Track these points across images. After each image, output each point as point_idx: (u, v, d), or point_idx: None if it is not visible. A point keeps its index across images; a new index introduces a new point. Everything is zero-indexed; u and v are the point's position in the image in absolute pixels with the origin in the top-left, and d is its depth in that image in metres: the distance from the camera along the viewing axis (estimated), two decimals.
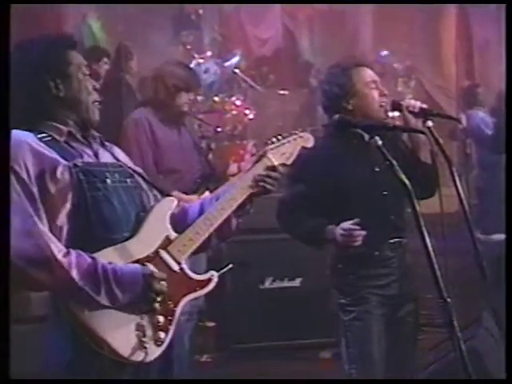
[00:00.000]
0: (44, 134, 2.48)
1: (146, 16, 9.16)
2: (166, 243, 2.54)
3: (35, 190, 2.37)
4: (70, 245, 2.39)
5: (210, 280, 2.59)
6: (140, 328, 2.41)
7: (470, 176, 8.52)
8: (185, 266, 2.56)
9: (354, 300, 3.42)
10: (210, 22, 9.95)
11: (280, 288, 5.65)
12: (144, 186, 2.69)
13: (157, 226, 2.56)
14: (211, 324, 5.99)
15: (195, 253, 2.62)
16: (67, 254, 2.34)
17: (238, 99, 8.61)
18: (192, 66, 8.25)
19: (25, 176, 2.37)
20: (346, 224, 3.28)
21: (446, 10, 11.81)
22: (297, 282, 5.68)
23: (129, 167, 2.68)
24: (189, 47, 9.04)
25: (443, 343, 4.06)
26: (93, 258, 2.38)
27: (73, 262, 2.34)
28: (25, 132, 2.47)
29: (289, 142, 2.83)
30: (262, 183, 2.68)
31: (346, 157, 3.43)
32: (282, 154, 2.80)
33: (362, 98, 3.45)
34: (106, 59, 7.71)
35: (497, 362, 3.99)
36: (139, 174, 2.69)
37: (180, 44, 9.22)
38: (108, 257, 2.42)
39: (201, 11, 9.22)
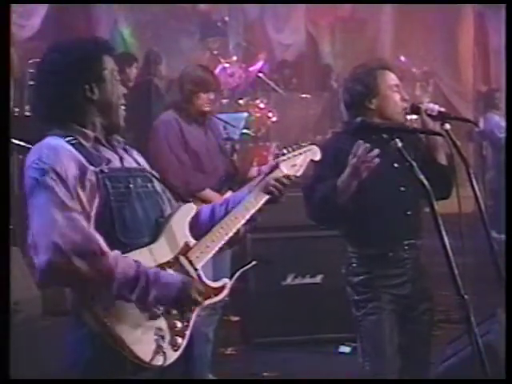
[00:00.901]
0: (71, 138, 2.48)
1: (174, 22, 9.21)
2: (186, 249, 2.54)
3: (74, 193, 2.37)
4: None
5: (223, 287, 2.59)
6: (159, 333, 2.40)
7: (485, 177, 8.49)
8: (201, 273, 2.56)
9: (366, 297, 3.41)
10: (236, 28, 9.99)
11: (301, 284, 5.66)
12: (159, 190, 2.66)
13: (177, 233, 2.55)
14: (235, 318, 6.02)
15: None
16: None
17: (261, 102, 8.64)
18: (218, 70, 8.32)
19: (64, 177, 2.37)
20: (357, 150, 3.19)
21: (464, 16, 11.76)
22: (318, 279, 5.67)
23: (149, 172, 2.67)
24: (215, 52, 9.10)
25: (460, 338, 4.05)
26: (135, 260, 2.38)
27: (118, 256, 2.34)
28: (55, 136, 2.47)
29: (300, 154, 2.86)
30: (273, 190, 2.69)
31: None
32: (293, 165, 2.83)
33: (385, 99, 3.44)
34: (135, 64, 7.78)
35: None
36: (157, 179, 2.68)
37: (207, 49, 9.28)
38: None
39: (227, 18, 9.28)
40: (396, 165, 3.35)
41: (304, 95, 9.97)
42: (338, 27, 11.55)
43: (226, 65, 8.88)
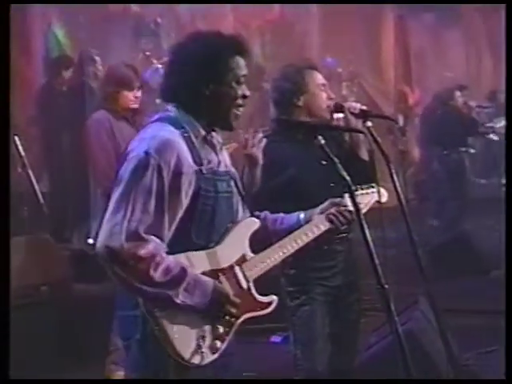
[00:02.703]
0: (183, 130, 2.42)
1: (108, 23, 9.07)
2: (241, 261, 2.52)
3: (166, 189, 2.33)
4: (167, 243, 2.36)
5: (270, 303, 2.58)
6: (201, 334, 2.38)
7: (407, 172, 8.61)
8: (252, 286, 2.54)
9: (300, 289, 3.42)
10: (168, 29, 9.88)
11: None
12: (237, 197, 2.60)
13: (237, 243, 2.53)
14: None
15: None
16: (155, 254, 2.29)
17: None
18: (150, 70, 8.22)
19: (165, 175, 2.32)
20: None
21: (385, 18, 11.94)
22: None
23: (233, 176, 2.61)
24: (148, 53, 8.98)
25: (383, 326, 4.08)
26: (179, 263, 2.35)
27: (159, 258, 2.30)
28: (172, 129, 2.41)
29: (367, 193, 3.02)
30: (337, 223, 2.76)
31: (292, 150, 3.39)
32: (360, 203, 2.87)
33: (312, 96, 3.46)
34: (72, 66, 7.63)
35: (431, 341, 4.04)
36: (236, 185, 2.62)
37: (140, 50, 9.16)
38: (189, 260, 2.37)
39: (159, 20, 9.18)
40: (324, 162, 3.35)
41: None
42: (267, 29, 11.56)
43: (159, 66, 8.78)
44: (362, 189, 2.99)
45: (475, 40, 14.43)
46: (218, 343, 2.42)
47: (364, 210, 2.94)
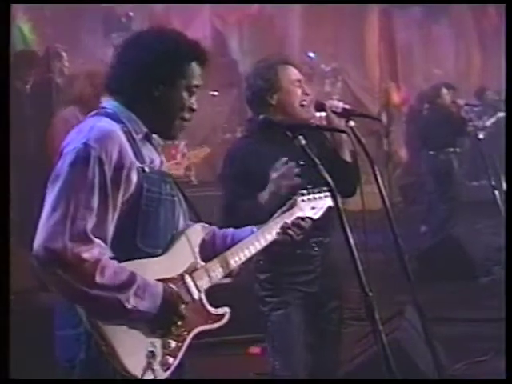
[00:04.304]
0: (123, 125, 2.36)
1: (77, 19, 9.02)
2: (192, 269, 2.47)
3: (109, 184, 2.25)
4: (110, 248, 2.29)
5: (223, 315, 2.56)
6: (151, 349, 2.32)
7: (393, 174, 8.65)
8: (203, 296, 2.50)
9: (272, 293, 3.41)
10: (141, 24, 9.83)
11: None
12: (179, 201, 2.55)
13: (186, 250, 2.48)
14: None
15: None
16: (99, 258, 2.21)
17: None
18: None
19: (106, 168, 2.25)
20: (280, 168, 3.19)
21: (370, 14, 11.98)
22: (228, 279, 5.63)
23: (175, 180, 2.56)
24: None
25: (368, 336, 4.09)
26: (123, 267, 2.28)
27: (104, 263, 2.22)
28: (112, 121, 2.35)
29: (320, 198, 2.95)
30: (289, 231, 2.71)
31: (271, 152, 3.36)
32: (312, 208, 2.91)
33: (286, 94, 3.43)
34: (37, 62, 7.58)
35: (419, 352, 4.06)
36: (180, 189, 2.58)
37: (111, 45, 9.10)
38: (136, 268, 2.30)
39: (131, 13, 9.10)
40: (302, 162, 3.35)
41: (212, 92, 9.93)
42: (245, 24, 11.56)
43: None
44: (314, 192, 2.94)
45: (464, 35, 14.54)
46: (170, 359, 2.37)
47: (317, 216, 2.92)
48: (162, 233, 2.41)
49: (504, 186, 6.63)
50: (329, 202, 2.93)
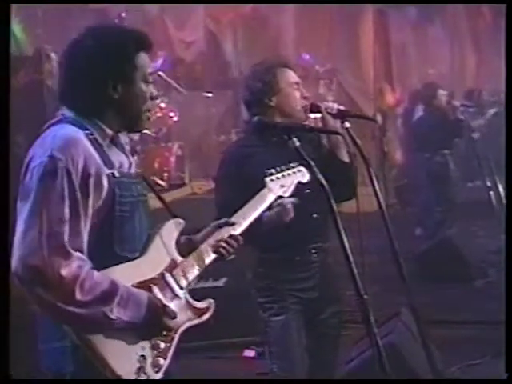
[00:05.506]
0: (88, 132, 2.30)
1: (68, 19, 8.99)
2: (172, 266, 2.45)
3: (79, 195, 2.22)
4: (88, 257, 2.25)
5: (208, 308, 2.53)
6: (141, 353, 2.31)
7: (388, 176, 8.65)
8: (186, 292, 2.48)
9: (272, 299, 3.41)
10: (134, 25, 9.82)
11: (204, 288, 5.60)
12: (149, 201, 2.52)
13: (163, 248, 2.46)
14: None
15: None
16: (80, 267, 2.19)
17: (162, 101, 8.55)
18: None
19: (74, 178, 2.21)
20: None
21: (364, 14, 12.00)
22: (221, 282, 5.65)
23: (146, 180, 2.55)
24: None
25: (364, 339, 4.10)
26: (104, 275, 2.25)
27: (83, 275, 2.19)
28: (76, 128, 2.29)
29: (288, 175, 2.93)
30: (222, 251, 2.62)
31: (266, 154, 3.37)
32: (282, 186, 2.90)
33: (285, 96, 3.44)
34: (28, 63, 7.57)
35: (414, 354, 4.06)
36: (152, 188, 2.57)
37: None
38: (116, 275, 2.28)
39: (124, 14, 9.06)
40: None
41: (206, 94, 9.94)
42: (239, 24, 11.56)
43: None
44: (283, 170, 2.92)
45: (459, 36, 14.58)
46: (161, 360, 2.37)
47: (287, 194, 2.91)
48: (139, 235, 2.40)
49: (500, 187, 6.66)
50: (298, 177, 2.94)
